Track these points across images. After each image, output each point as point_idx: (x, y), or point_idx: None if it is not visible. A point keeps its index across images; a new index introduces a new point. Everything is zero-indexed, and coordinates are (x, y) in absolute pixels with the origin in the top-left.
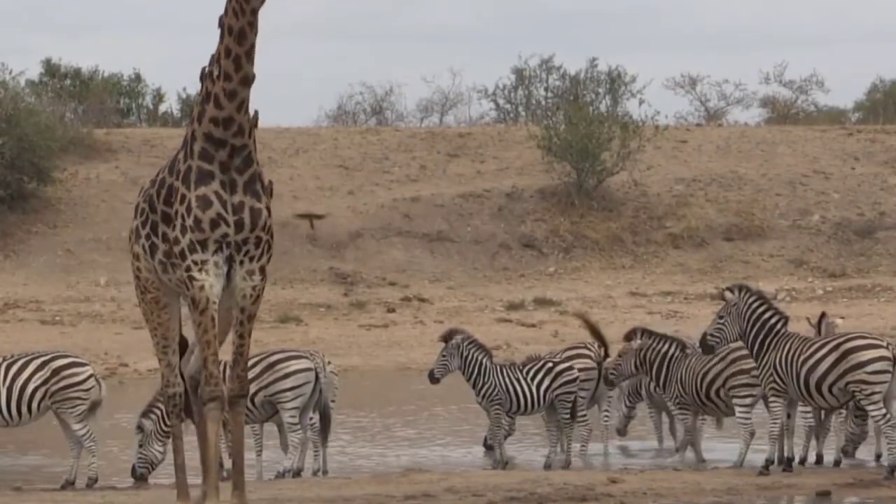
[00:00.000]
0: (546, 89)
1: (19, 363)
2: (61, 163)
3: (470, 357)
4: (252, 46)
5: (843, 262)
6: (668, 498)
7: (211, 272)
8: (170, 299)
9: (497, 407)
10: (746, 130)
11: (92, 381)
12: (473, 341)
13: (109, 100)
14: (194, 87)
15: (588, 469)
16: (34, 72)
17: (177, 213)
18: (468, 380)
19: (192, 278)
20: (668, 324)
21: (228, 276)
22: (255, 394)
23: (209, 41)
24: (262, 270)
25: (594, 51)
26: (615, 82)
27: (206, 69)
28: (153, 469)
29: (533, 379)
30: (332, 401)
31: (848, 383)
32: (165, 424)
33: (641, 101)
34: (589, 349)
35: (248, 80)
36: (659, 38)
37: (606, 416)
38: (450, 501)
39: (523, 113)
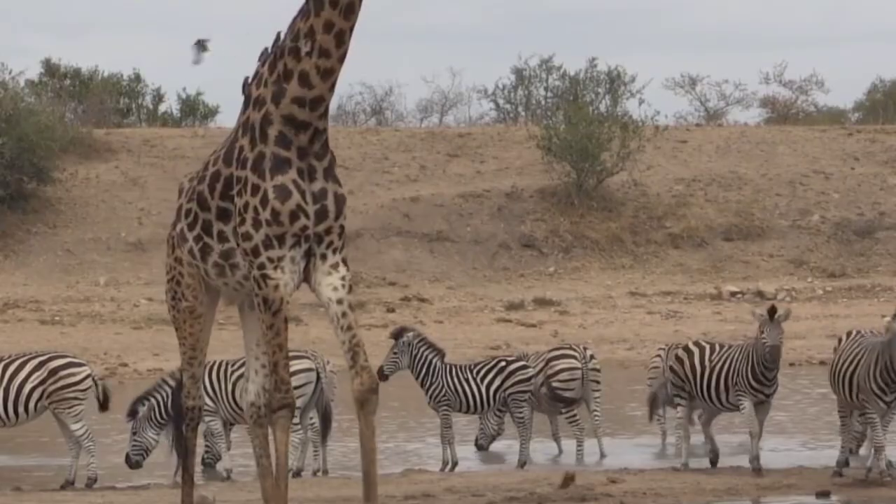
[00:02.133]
0: (546, 89)
1: (17, 363)
2: (61, 163)
3: (419, 356)
4: (356, 21)
5: (843, 262)
6: (668, 498)
7: (287, 269)
8: (206, 310)
9: (445, 407)
10: (746, 130)
11: (89, 382)
12: (423, 340)
13: (109, 100)
14: (194, 87)
15: (586, 468)
16: (34, 72)
17: (246, 206)
18: (417, 379)
19: (265, 276)
20: (668, 324)
21: (306, 272)
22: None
23: (210, 40)
24: (346, 263)
25: (594, 51)
26: (615, 82)
27: (273, 48)
28: (147, 455)
29: (483, 379)
30: (332, 400)
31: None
32: (161, 414)
33: (641, 101)
34: (574, 350)
35: (344, 58)
36: (659, 38)
37: (597, 415)
38: (450, 501)
39: (523, 113)
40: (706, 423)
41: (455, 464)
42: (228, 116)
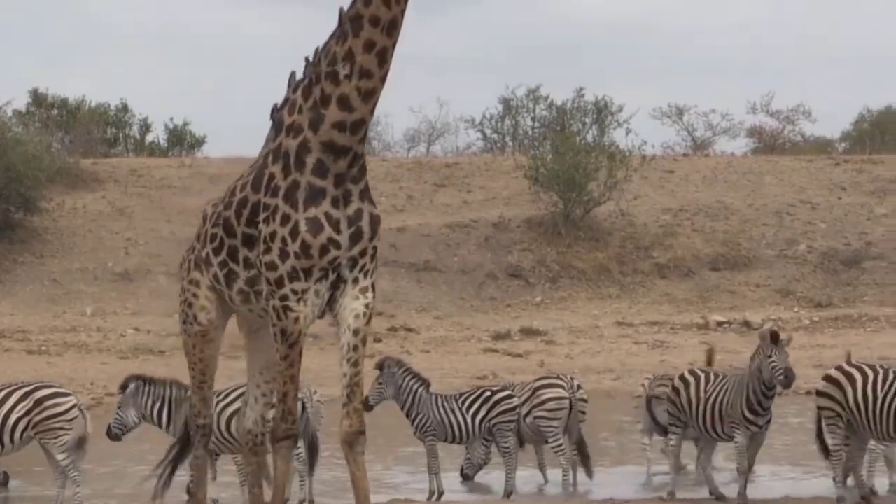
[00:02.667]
0: (533, 119)
1: (2, 393)
2: (48, 192)
3: (405, 386)
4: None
5: (830, 292)
6: None
7: (309, 303)
8: (217, 334)
9: (431, 438)
10: (733, 160)
11: (75, 412)
12: (408, 370)
13: (96, 129)
14: (181, 117)
15: (571, 498)
16: (21, 101)
17: (273, 235)
18: (402, 409)
19: (287, 308)
20: (655, 353)
21: (332, 299)
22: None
23: (196, 71)
24: (374, 288)
25: (581, 81)
26: (602, 112)
27: (305, 73)
28: (126, 432)
29: (469, 409)
30: (317, 430)
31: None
32: (147, 398)
33: (628, 131)
34: (561, 380)
35: (386, 77)
36: (646, 68)
37: (575, 448)
38: None
39: (510, 143)
40: (706, 460)
41: (441, 493)
42: (215, 146)
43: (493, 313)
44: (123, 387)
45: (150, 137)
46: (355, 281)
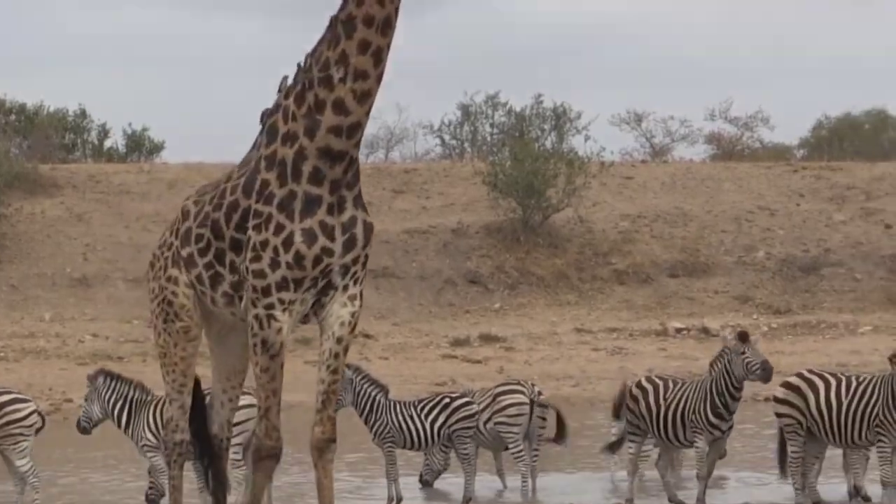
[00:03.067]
0: (492, 125)
1: None
2: (6, 198)
3: (363, 392)
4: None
5: (788, 299)
6: None
7: (295, 313)
8: (199, 332)
9: (389, 444)
10: (692, 167)
11: (35, 417)
12: (367, 377)
13: (55, 135)
14: (140, 122)
15: None
16: None
17: (265, 243)
18: (360, 416)
19: (271, 318)
20: (613, 360)
21: (319, 305)
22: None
23: (155, 77)
24: (361, 296)
25: (540, 87)
26: (560, 119)
27: (297, 79)
28: (93, 425)
29: (427, 416)
30: None
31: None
32: (111, 394)
33: (587, 138)
34: (522, 385)
35: (382, 78)
36: (604, 75)
37: (536, 454)
38: None
39: (469, 149)
40: (664, 467)
41: (400, 500)
42: (173, 152)
43: (452, 320)
44: (93, 378)
45: (108, 143)
46: (345, 288)
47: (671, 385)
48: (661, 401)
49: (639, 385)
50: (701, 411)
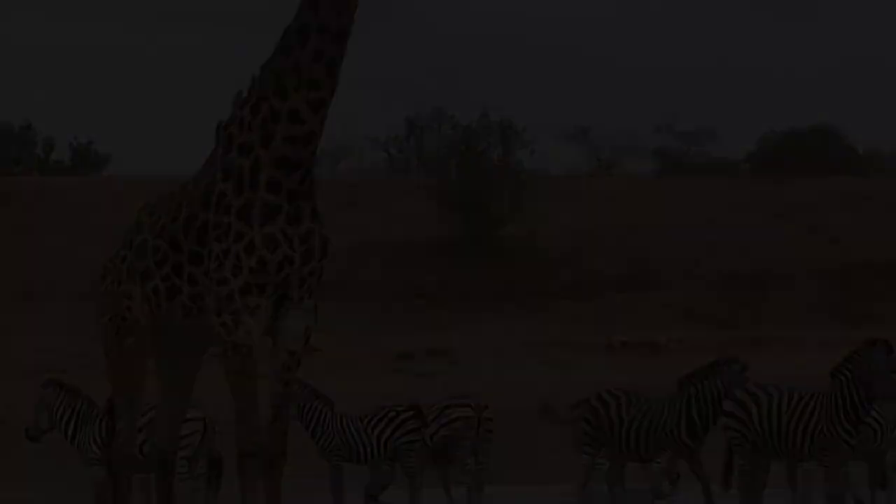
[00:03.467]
0: (438, 139)
1: None
2: None
3: (308, 406)
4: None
5: (734, 313)
6: None
7: (262, 317)
8: (149, 347)
9: (335, 458)
10: (638, 181)
11: None
12: (312, 391)
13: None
14: (86, 135)
15: None
16: None
17: (227, 252)
18: (306, 429)
19: (238, 322)
20: (559, 373)
21: (273, 318)
22: (143, 443)
23: (100, 89)
24: (316, 309)
25: (486, 101)
26: (507, 132)
27: (252, 90)
28: (41, 434)
29: (374, 429)
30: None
31: None
32: (59, 405)
33: (533, 152)
34: (469, 400)
35: (335, 87)
36: (551, 89)
37: (481, 467)
38: None
39: (416, 163)
40: (615, 478)
41: None
42: (119, 165)
43: (399, 334)
44: (44, 386)
45: (54, 156)
46: (300, 300)
47: (633, 399)
48: (625, 414)
49: (599, 398)
50: (675, 430)
